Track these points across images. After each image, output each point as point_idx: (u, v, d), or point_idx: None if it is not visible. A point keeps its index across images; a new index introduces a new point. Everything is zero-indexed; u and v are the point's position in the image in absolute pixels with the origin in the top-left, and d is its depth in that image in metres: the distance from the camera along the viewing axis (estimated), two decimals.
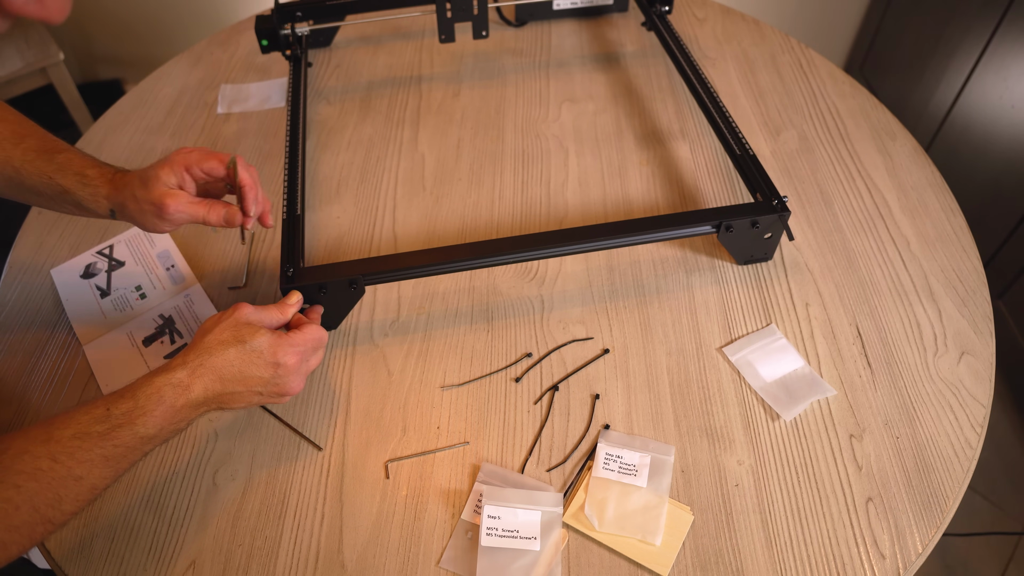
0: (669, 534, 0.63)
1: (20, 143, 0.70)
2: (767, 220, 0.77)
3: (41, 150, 0.70)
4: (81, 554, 0.63)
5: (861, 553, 0.62)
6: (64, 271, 0.84)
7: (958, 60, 1.64)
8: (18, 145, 0.70)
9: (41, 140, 0.71)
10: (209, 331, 0.62)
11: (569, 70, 1.11)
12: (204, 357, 0.60)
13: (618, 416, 0.71)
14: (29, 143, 0.70)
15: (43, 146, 0.70)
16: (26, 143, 0.70)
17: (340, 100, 1.07)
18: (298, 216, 0.79)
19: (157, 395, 0.58)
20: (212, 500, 0.66)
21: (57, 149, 0.70)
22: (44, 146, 0.70)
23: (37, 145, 0.70)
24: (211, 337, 0.62)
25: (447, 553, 0.62)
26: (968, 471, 0.68)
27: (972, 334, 0.77)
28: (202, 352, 0.61)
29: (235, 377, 0.61)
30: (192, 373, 0.59)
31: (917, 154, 0.97)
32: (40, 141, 0.71)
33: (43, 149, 0.70)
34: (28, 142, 0.70)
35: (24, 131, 0.71)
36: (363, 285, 0.73)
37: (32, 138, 0.71)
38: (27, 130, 0.72)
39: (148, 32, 2.04)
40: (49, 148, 0.70)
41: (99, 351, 0.77)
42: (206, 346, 0.61)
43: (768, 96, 1.05)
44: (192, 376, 0.59)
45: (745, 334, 0.77)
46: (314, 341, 0.66)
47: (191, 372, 0.59)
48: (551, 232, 0.76)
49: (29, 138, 0.71)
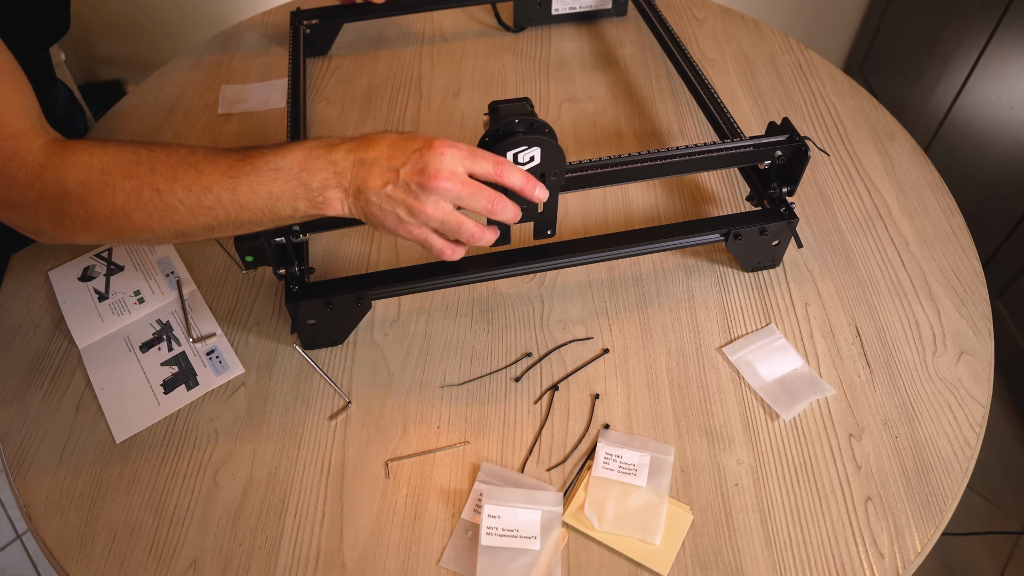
0: (669, 533, 0.63)
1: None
2: (775, 227, 0.77)
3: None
4: (82, 553, 0.63)
5: (860, 552, 0.62)
6: (62, 274, 0.84)
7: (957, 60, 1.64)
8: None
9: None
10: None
11: (569, 71, 1.11)
12: (362, 135, 0.60)
13: (618, 416, 0.71)
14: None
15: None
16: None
17: (340, 101, 1.07)
18: None
19: (301, 142, 0.59)
20: (213, 499, 0.66)
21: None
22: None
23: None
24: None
25: (447, 552, 0.63)
26: (967, 470, 0.68)
27: (971, 334, 0.78)
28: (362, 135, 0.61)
29: (382, 141, 0.58)
30: (342, 138, 0.60)
31: (916, 154, 0.97)
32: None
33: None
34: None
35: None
36: (370, 300, 0.73)
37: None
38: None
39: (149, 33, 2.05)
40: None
41: (96, 355, 0.77)
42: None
43: (767, 96, 1.05)
44: (341, 138, 0.59)
45: (744, 334, 0.77)
46: (486, 157, 0.58)
47: (341, 138, 0.60)
48: (559, 243, 0.76)
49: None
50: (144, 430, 0.71)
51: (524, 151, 0.63)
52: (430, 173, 0.57)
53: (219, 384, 0.74)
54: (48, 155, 0.55)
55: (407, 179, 0.57)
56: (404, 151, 0.58)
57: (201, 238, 0.60)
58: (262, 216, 0.59)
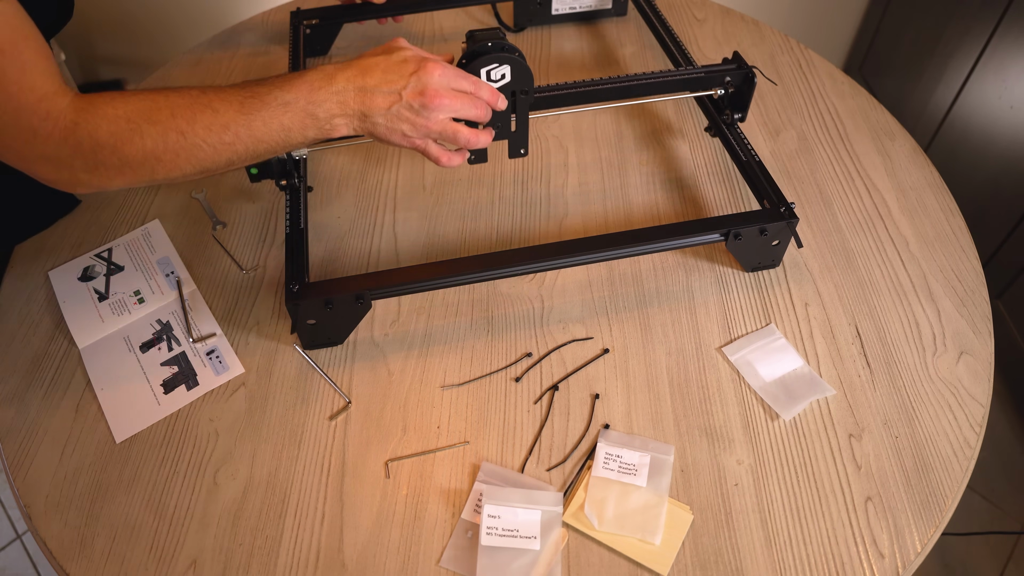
0: (669, 533, 0.63)
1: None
2: (775, 227, 0.78)
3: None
4: (82, 553, 0.63)
5: (860, 552, 0.62)
6: (62, 274, 0.84)
7: (957, 61, 1.64)
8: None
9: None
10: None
11: (569, 70, 1.11)
12: (351, 61, 0.66)
13: (618, 416, 0.71)
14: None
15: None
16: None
17: None
18: (301, 230, 0.78)
19: (301, 75, 0.64)
20: (213, 499, 0.66)
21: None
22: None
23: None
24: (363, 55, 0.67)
25: (447, 552, 0.63)
26: (967, 471, 0.68)
27: (971, 334, 0.78)
28: (351, 61, 0.66)
29: (376, 67, 0.65)
30: (337, 67, 0.65)
31: (916, 154, 0.97)
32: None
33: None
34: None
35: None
36: (370, 300, 0.73)
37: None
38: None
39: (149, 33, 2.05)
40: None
41: (96, 355, 0.77)
42: (356, 58, 0.67)
43: (767, 96, 1.05)
44: (336, 68, 0.65)
45: (744, 334, 0.77)
46: (466, 77, 0.68)
47: (336, 67, 0.65)
48: (559, 243, 0.76)
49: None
50: (144, 430, 0.71)
51: (496, 68, 0.72)
52: (430, 93, 0.65)
53: (219, 384, 0.74)
54: (77, 111, 0.59)
55: (410, 100, 0.65)
56: (400, 75, 0.66)
57: (223, 171, 0.66)
58: (276, 146, 0.65)
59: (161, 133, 0.60)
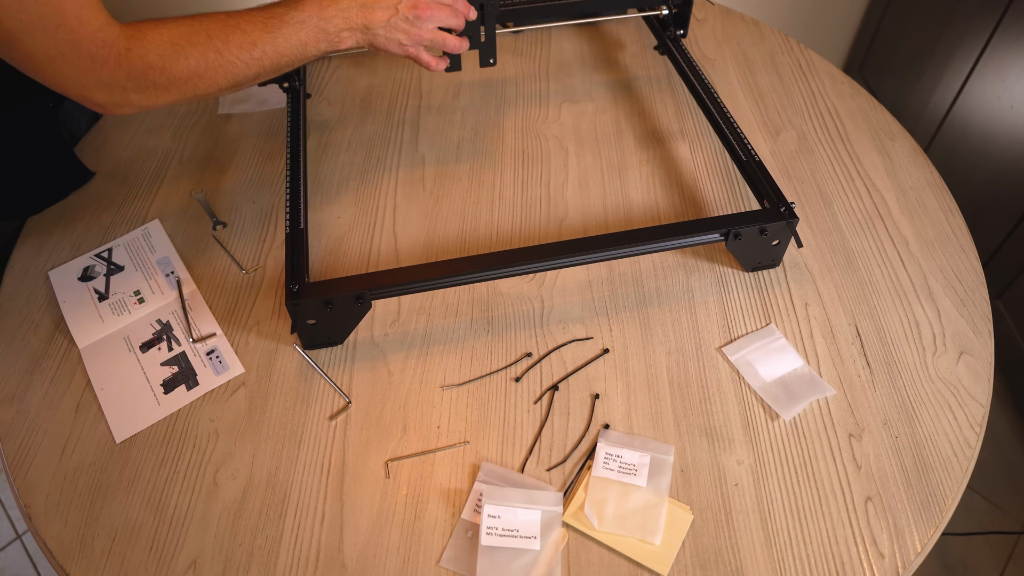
0: (669, 533, 0.63)
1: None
2: (775, 227, 0.78)
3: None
4: (82, 553, 0.63)
5: (860, 552, 0.62)
6: (62, 273, 0.84)
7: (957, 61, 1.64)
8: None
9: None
10: None
11: (569, 71, 1.11)
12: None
13: (618, 416, 0.71)
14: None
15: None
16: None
17: (340, 101, 1.07)
18: (301, 230, 0.78)
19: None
20: (213, 499, 0.66)
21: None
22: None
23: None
24: None
25: (447, 552, 0.63)
26: (967, 470, 0.68)
27: (971, 334, 0.78)
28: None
29: None
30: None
31: (916, 154, 0.97)
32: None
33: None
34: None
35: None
36: (370, 300, 0.73)
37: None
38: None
39: None
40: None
41: (96, 355, 0.77)
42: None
43: (767, 96, 1.05)
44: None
45: (744, 334, 0.77)
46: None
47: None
48: (559, 243, 0.76)
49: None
50: (144, 430, 0.71)
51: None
52: (422, 5, 0.76)
53: (219, 384, 0.74)
54: (128, 38, 0.66)
55: (405, 13, 0.76)
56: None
57: (249, 85, 0.75)
58: (295, 59, 0.74)
59: (202, 53, 0.68)
